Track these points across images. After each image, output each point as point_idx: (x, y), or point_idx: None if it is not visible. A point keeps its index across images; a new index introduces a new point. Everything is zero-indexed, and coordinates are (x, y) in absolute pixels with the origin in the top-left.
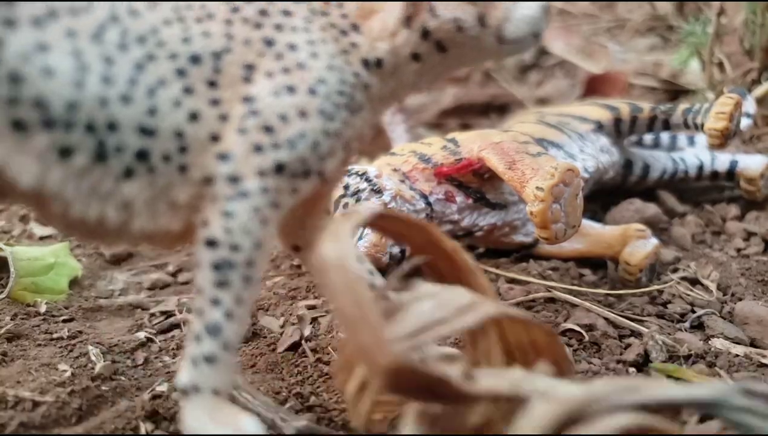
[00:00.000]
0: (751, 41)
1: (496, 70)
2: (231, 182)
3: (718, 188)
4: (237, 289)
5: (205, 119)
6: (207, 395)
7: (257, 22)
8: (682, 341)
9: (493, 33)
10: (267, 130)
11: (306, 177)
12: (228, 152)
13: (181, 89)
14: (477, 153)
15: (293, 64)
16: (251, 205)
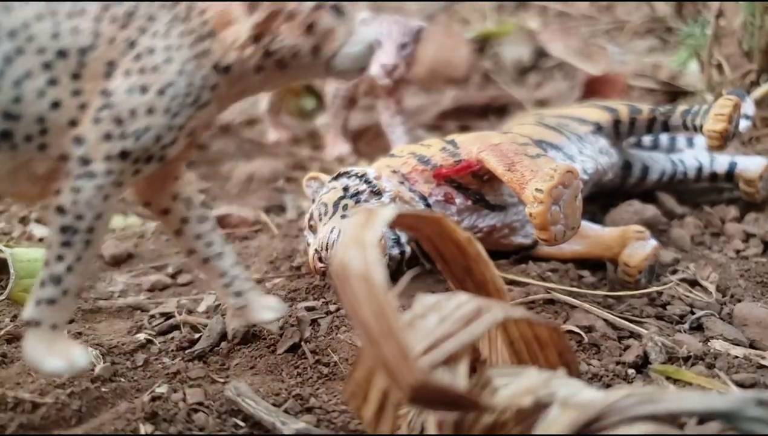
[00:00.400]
0: (749, 43)
1: (496, 71)
2: (82, 163)
3: (717, 190)
4: (78, 249)
5: (65, 107)
6: (46, 328)
7: (123, 23)
8: (681, 342)
9: (323, 63)
10: (117, 122)
11: (148, 162)
12: (82, 137)
13: (46, 81)
14: (476, 155)
15: (149, 67)
16: (96, 184)
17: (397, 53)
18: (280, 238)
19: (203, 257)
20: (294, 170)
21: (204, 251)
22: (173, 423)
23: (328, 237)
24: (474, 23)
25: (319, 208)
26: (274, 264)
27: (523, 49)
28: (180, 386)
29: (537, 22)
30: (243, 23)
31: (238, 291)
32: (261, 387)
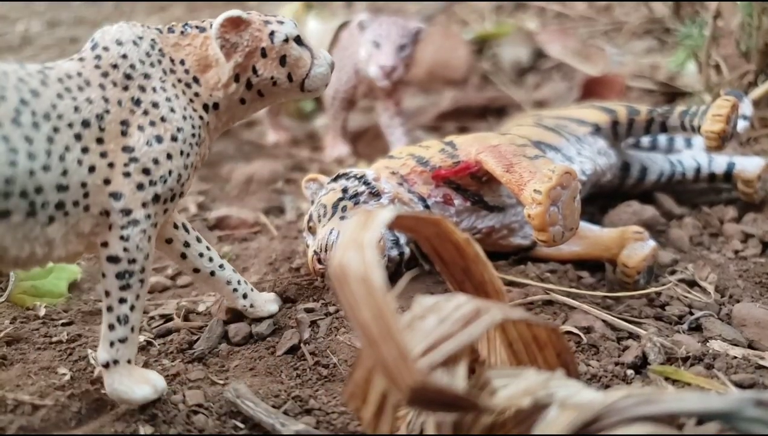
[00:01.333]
0: (747, 43)
1: (494, 72)
2: (124, 214)
3: (716, 190)
4: (136, 289)
5: (99, 169)
6: (124, 364)
7: (125, 85)
8: (680, 343)
9: (298, 85)
10: (145, 172)
11: (172, 200)
12: (119, 192)
13: (80, 150)
14: (475, 156)
15: (158, 118)
16: (140, 229)
17: (395, 55)
18: (279, 239)
19: (209, 271)
20: (293, 172)
21: (208, 265)
22: (173, 425)
23: (327, 238)
24: (472, 24)
25: (318, 210)
26: (273, 265)
27: (522, 50)
28: (180, 388)
29: (535, 23)
30: (223, 65)
31: (245, 293)
32: (260, 389)
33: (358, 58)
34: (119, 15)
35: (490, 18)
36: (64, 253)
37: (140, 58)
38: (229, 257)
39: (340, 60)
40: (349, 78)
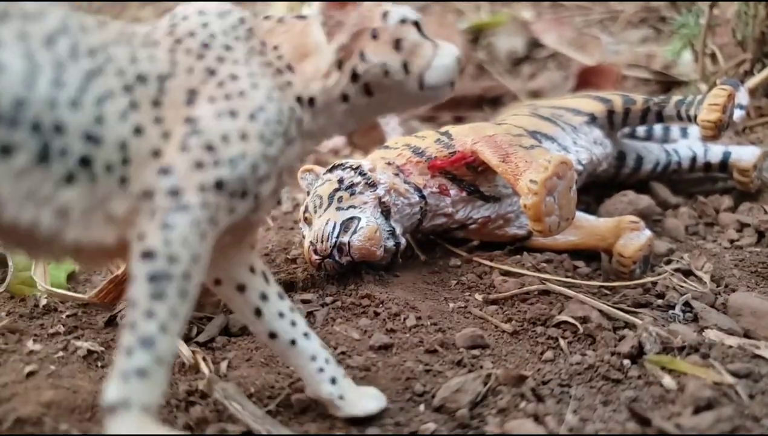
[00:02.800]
0: (743, 32)
1: (489, 62)
2: (172, 196)
3: (711, 180)
4: (173, 302)
5: (148, 135)
6: (136, 412)
7: (200, 54)
8: (676, 332)
9: (416, 79)
10: (209, 149)
11: (243, 197)
12: (170, 167)
13: (128, 104)
14: (470, 146)
15: (235, 92)
16: (191, 218)
17: None
18: (275, 230)
19: (290, 339)
20: None
21: (290, 331)
22: (171, 415)
23: (324, 229)
24: (467, 14)
25: (314, 201)
26: (269, 256)
27: (517, 39)
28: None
29: (530, 13)
30: (323, 51)
31: (333, 378)
32: (257, 379)
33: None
34: (111, 6)
35: (485, 7)
36: (83, 237)
37: (223, 29)
38: None
39: None
40: None
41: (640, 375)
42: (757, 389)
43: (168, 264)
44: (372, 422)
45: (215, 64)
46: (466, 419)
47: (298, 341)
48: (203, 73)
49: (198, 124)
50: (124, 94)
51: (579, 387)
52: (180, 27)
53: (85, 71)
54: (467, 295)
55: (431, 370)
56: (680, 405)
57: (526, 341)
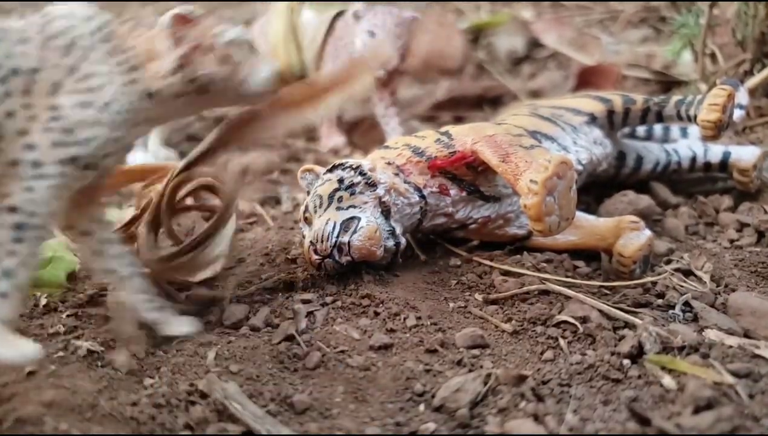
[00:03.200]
0: (743, 32)
1: (489, 62)
2: (34, 166)
3: (711, 179)
4: (31, 245)
5: (17, 118)
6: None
7: (66, 52)
8: (676, 332)
9: (236, 87)
10: (67, 132)
11: (92, 169)
12: (34, 143)
13: (3, 92)
14: (470, 146)
15: (93, 87)
16: (48, 184)
17: (391, 45)
18: (275, 230)
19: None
20: (289, 162)
21: (124, 269)
22: (171, 415)
23: (324, 229)
24: (468, 14)
25: (314, 201)
26: (269, 256)
27: (517, 39)
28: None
29: (530, 13)
30: (167, 56)
31: (159, 306)
32: (255, 380)
33: (354, 48)
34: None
35: (485, 7)
36: None
37: (89, 32)
38: None
39: (336, 50)
40: None
41: (640, 375)
42: (756, 389)
43: (28, 217)
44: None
45: (77, 62)
46: (466, 418)
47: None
48: (67, 69)
49: (60, 111)
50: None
51: (579, 387)
52: (50, 26)
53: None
54: (467, 295)
55: (431, 370)
56: (680, 405)
57: (526, 340)
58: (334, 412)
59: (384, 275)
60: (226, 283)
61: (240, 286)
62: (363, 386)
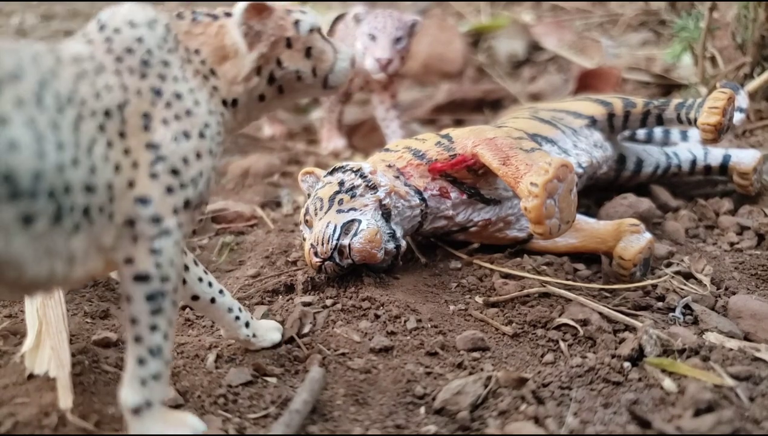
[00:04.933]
0: (743, 36)
1: (490, 65)
2: (154, 223)
3: (711, 183)
4: (169, 313)
5: (124, 169)
6: (157, 406)
7: (143, 73)
8: (676, 335)
9: (321, 80)
10: (174, 173)
11: (201, 206)
12: (146, 196)
13: (105, 144)
14: (471, 149)
15: (183, 112)
16: (173, 240)
17: (391, 47)
18: (275, 232)
19: (210, 298)
20: (289, 165)
21: (208, 291)
22: None
23: (324, 232)
24: (468, 17)
25: (315, 203)
26: (270, 259)
27: (517, 42)
28: None
29: (531, 16)
30: (243, 57)
31: (247, 322)
32: (256, 382)
33: (354, 50)
34: None
35: (486, 10)
36: (83, 272)
37: (157, 44)
38: (230, 248)
39: None
40: None
41: (641, 378)
42: (757, 392)
43: (162, 284)
44: None
45: (158, 83)
46: (467, 421)
47: (216, 299)
48: (150, 93)
49: (160, 151)
50: (101, 135)
51: (579, 389)
52: (116, 42)
53: (71, 123)
54: (468, 297)
55: (432, 372)
56: (680, 408)
57: (527, 343)
58: (334, 414)
59: (384, 277)
60: None
61: (240, 288)
62: (363, 389)
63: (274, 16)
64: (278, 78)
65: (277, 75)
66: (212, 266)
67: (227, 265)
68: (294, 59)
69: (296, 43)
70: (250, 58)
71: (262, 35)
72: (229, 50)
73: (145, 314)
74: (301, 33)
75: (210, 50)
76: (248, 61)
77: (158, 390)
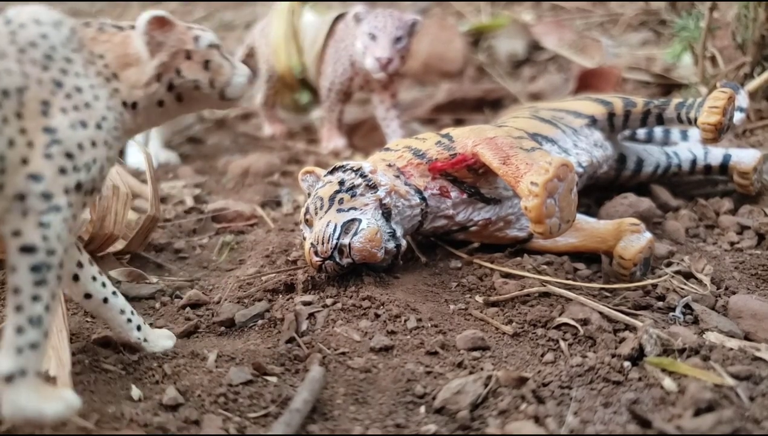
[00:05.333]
0: (743, 35)
1: (490, 65)
2: (45, 198)
3: (712, 182)
4: (52, 286)
5: (18, 145)
6: (32, 377)
7: (44, 65)
8: (676, 334)
9: (218, 92)
10: (69, 156)
11: (92, 193)
12: (39, 173)
13: (1, 120)
14: (471, 148)
15: (82, 104)
16: (62, 217)
17: (391, 47)
18: (275, 232)
19: (102, 298)
20: (289, 164)
21: (102, 291)
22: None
23: (324, 231)
24: (468, 16)
25: (315, 202)
26: (270, 258)
27: (517, 42)
28: None
29: (531, 16)
30: (145, 63)
31: (139, 326)
32: (256, 382)
33: (354, 50)
34: (113, 8)
35: (486, 10)
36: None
37: (61, 42)
38: (231, 247)
39: (336, 52)
40: (345, 70)
41: (641, 377)
42: (757, 392)
43: (47, 256)
44: None
45: (60, 76)
46: (467, 420)
47: (109, 299)
48: (51, 84)
49: (56, 134)
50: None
51: (580, 389)
52: (20, 36)
53: None
54: (468, 297)
55: (432, 372)
56: (681, 407)
57: (527, 342)
58: (335, 414)
59: (384, 276)
60: (225, 284)
61: (240, 287)
62: (363, 388)
63: (176, 30)
64: (177, 86)
65: (176, 83)
66: (212, 265)
67: (227, 264)
68: (192, 70)
69: (195, 55)
70: (151, 64)
71: (163, 45)
72: (132, 58)
73: (29, 284)
74: (200, 47)
75: (114, 56)
76: (149, 68)
77: (34, 359)
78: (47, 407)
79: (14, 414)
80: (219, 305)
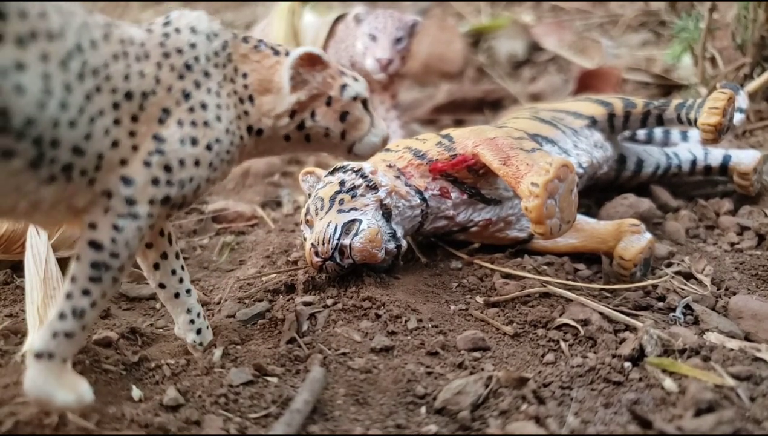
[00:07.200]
0: (743, 36)
1: (490, 65)
2: (127, 203)
3: (712, 183)
4: (106, 286)
5: (121, 147)
6: (58, 361)
7: (181, 74)
8: (677, 335)
9: (347, 146)
10: (166, 169)
11: (180, 208)
12: (131, 178)
13: (112, 120)
14: (472, 149)
15: (201, 121)
16: (137, 225)
17: (392, 48)
18: (276, 232)
19: (174, 292)
20: (290, 165)
21: (177, 286)
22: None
23: (325, 231)
24: (468, 17)
25: (316, 203)
26: (270, 259)
27: (517, 43)
28: None
29: (531, 16)
30: (284, 96)
31: (199, 330)
32: (257, 382)
33: (355, 51)
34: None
35: (486, 11)
36: (45, 219)
37: (207, 54)
38: (231, 248)
39: (336, 53)
40: None
41: (641, 378)
42: (758, 392)
43: (110, 258)
44: None
45: (191, 88)
46: (468, 421)
47: (181, 296)
48: (180, 94)
49: (163, 145)
50: (111, 112)
51: (580, 389)
52: (171, 39)
53: (86, 92)
54: (468, 297)
55: (432, 372)
56: (681, 408)
57: (527, 343)
58: (335, 414)
59: (385, 277)
60: (225, 285)
61: (241, 288)
62: (364, 389)
63: (325, 72)
64: (307, 127)
65: (308, 124)
66: (213, 265)
67: (228, 264)
68: (327, 117)
69: (336, 103)
70: (288, 99)
71: (306, 84)
72: (273, 85)
73: (84, 277)
74: (343, 97)
75: (257, 78)
76: (285, 102)
77: (64, 347)
78: (59, 394)
79: (29, 389)
80: (219, 305)
